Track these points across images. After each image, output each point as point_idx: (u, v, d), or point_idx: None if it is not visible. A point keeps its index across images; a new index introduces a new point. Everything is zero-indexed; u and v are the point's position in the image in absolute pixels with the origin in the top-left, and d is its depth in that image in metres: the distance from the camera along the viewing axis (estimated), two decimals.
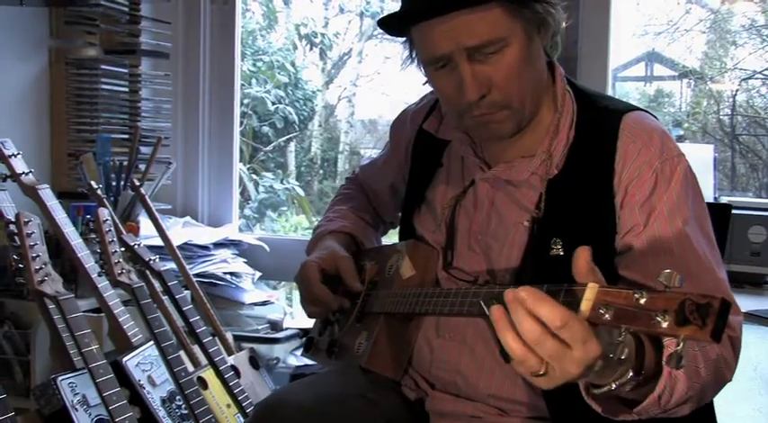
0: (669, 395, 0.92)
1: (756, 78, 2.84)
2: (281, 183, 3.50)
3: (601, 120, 1.18)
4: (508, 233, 1.21)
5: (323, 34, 3.57)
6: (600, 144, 1.16)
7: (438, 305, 1.13)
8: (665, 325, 0.71)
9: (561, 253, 1.12)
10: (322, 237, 1.44)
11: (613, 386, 0.85)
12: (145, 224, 2.21)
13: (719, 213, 1.38)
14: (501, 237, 1.22)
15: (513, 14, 1.10)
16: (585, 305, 0.78)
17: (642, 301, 0.73)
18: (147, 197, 2.15)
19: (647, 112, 1.22)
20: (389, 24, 1.19)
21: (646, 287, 0.75)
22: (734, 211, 1.63)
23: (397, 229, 1.49)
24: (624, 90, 3.11)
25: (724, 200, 2.15)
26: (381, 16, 1.19)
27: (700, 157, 2.13)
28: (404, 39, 1.21)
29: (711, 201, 2.04)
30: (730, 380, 1.07)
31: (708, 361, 1.00)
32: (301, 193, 3.53)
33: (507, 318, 0.81)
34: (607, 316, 0.76)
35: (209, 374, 1.89)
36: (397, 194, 1.47)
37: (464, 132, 1.27)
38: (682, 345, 0.71)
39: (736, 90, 2.88)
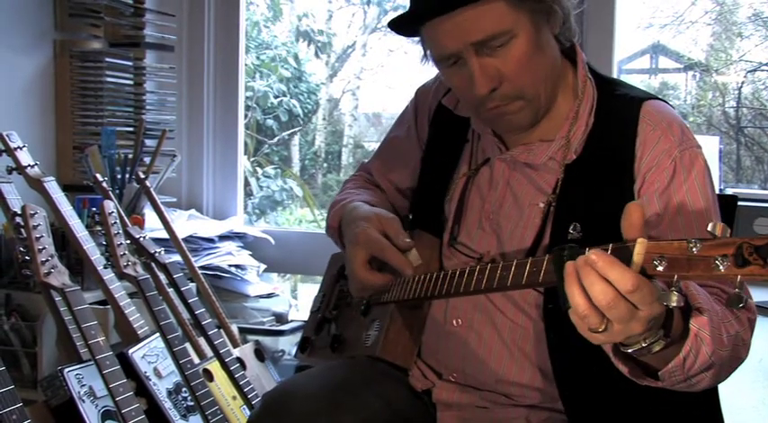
0: (694, 358, 0.93)
1: (762, 70, 2.83)
2: (281, 180, 3.49)
3: (621, 107, 1.19)
4: (522, 214, 1.21)
5: (321, 31, 3.56)
6: (619, 130, 1.16)
7: (459, 285, 1.11)
8: (722, 268, 0.72)
9: (579, 237, 1.12)
10: (350, 206, 1.36)
11: (644, 344, 0.88)
12: (150, 217, 2.21)
13: (725, 205, 1.37)
14: (514, 217, 1.22)
15: (517, 6, 1.10)
16: (637, 258, 0.79)
17: (695, 250, 0.75)
18: (152, 190, 2.15)
19: (665, 101, 1.22)
20: (399, 26, 1.20)
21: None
22: (740, 203, 1.62)
23: None
24: (629, 82, 3.09)
25: (729, 192, 2.14)
26: (391, 18, 1.19)
27: (705, 148, 2.12)
28: (417, 39, 1.22)
29: (717, 192, 2.03)
30: (745, 359, 1.08)
31: (729, 335, 1.00)
32: (299, 192, 3.52)
33: (577, 275, 0.83)
34: (660, 267, 0.77)
35: (214, 366, 1.89)
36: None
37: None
38: (739, 287, 0.73)
39: (742, 82, 2.87)
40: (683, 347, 0.91)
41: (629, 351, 0.90)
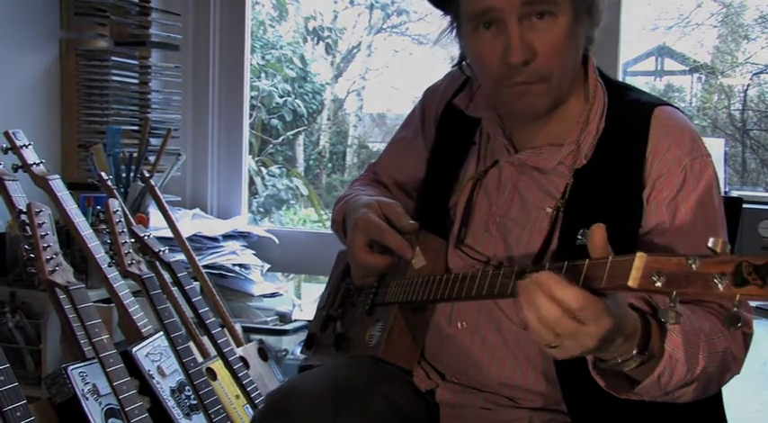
0: (669, 376, 0.96)
1: None
2: (286, 179, 3.50)
3: (632, 112, 1.18)
4: (529, 218, 1.21)
5: (329, 28, 3.56)
6: (630, 136, 1.16)
7: (460, 290, 1.11)
8: (721, 287, 0.72)
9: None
10: (353, 199, 1.37)
11: (618, 360, 0.92)
12: (154, 215, 2.22)
13: (730, 207, 1.37)
14: (522, 221, 1.22)
15: None
16: (635, 273, 0.79)
17: (694, 266, 0.74)
18: (156, 188, 2.15)
19: (676, 108, 1.21)
20: None
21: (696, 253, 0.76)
22: (744, 206, 1.62)
23: None
24: (634, 84, 3.08)
25: (734, 194, 2.14)
26: None
27: (710, 151, 2.12)
28: (443, 12, 1.21)
29: (722, 195, 2.03)
30: (737, 373, 1.09)
31: (714, 352, 1.01)
32: (305, 191, 3.53)
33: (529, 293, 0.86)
34: (659, 283, 0.77)
35: (217, 365, 1.90)
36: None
37: (495, 113, 1.27)
38: (737, 306, 0.73)
39: (748, 85, 2.86)
40: (657, 366, 0.94)
41: (602, 366, 0.94)
